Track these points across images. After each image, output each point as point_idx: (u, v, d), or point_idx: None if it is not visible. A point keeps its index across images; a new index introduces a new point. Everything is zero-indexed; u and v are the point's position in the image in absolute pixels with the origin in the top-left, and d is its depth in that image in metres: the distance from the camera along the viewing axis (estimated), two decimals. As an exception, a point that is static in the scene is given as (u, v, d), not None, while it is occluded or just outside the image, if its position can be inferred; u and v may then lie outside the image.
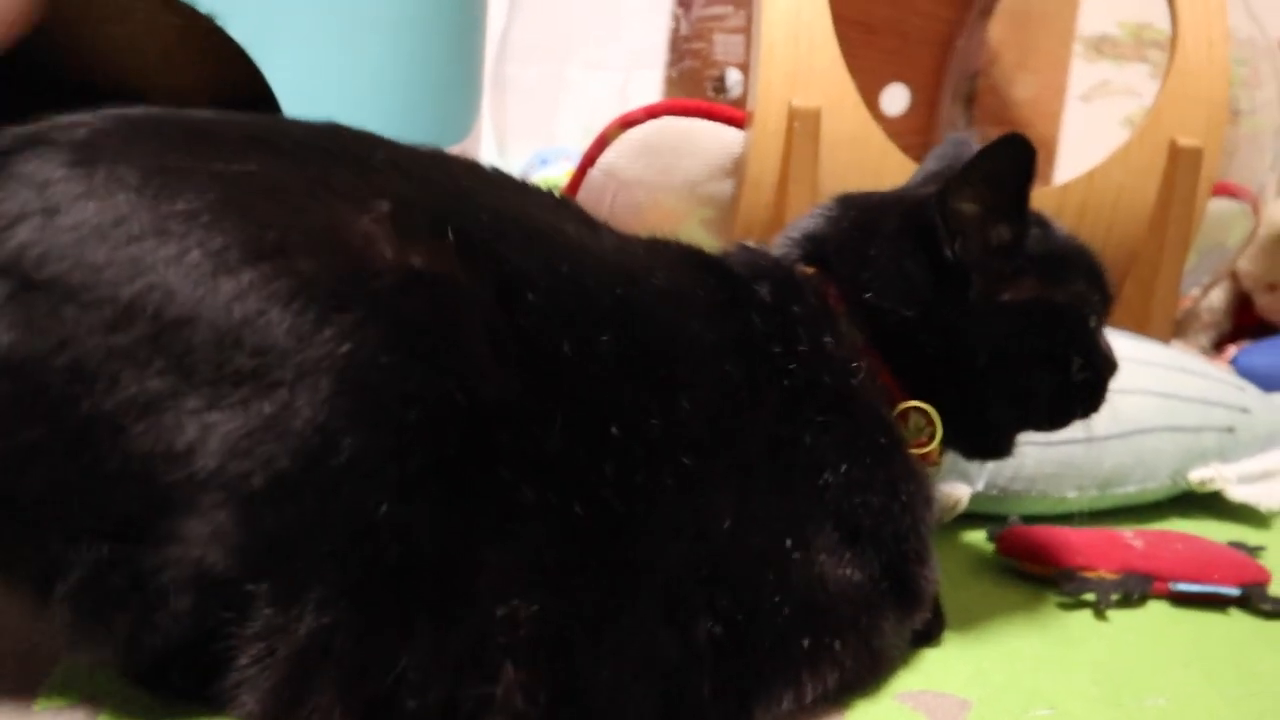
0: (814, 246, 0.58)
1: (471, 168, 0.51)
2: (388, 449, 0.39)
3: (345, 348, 0.39)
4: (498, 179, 0.51)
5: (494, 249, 0.44)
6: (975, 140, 0.59)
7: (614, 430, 0.44)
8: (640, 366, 0.46)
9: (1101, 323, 0.59)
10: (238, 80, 0.85)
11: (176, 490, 0.37)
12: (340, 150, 0.45)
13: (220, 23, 0.82)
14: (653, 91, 1.64)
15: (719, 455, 0.47)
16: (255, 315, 0.38)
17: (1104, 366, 0.59)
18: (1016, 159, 0.52)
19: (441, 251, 0.42)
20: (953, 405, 0.55)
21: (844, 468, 0.50)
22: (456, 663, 0.40)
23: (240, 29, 0.84)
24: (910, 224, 0.55)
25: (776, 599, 0.47)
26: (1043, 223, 0.58)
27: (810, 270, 0.57)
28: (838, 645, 0.49)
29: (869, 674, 0.52)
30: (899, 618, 0.52)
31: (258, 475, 0.37)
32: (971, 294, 0.54)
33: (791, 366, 0.51)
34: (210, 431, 0.37)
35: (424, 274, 0.41)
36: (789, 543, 0.48)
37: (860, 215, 0.59)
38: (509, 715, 0.41)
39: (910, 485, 0.53)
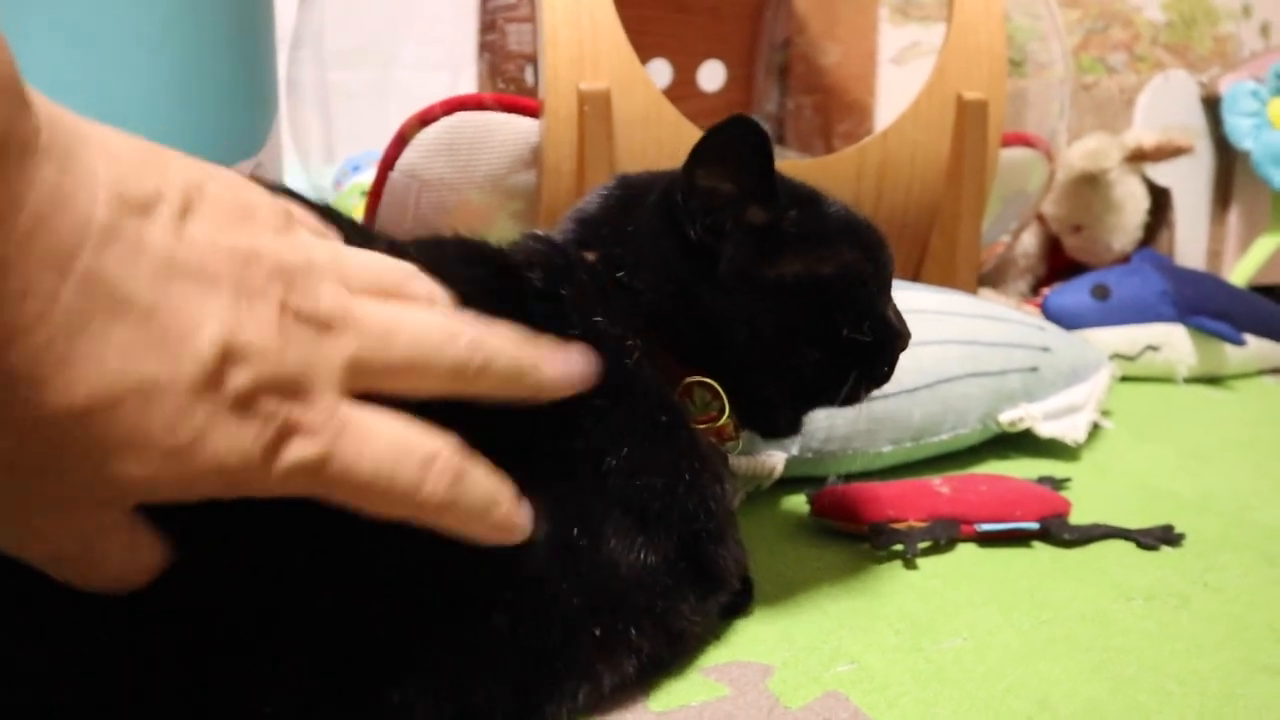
0: (587, 229, 0.58)
1: None
2: None
3: None
4: None
5: None
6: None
7: None
8: None
9: (882, 292, 0.59)
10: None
11: None
12: None
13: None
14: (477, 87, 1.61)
15: (502, 451, 0.46)
16: None
17: (885, 335, 0.58)
18: (744, 139, 0.52)
19: None
20: (729, 382, 0.55)
21: (624, 450, 0.49)
22: None
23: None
24: (661, 204, 0.55)
25: (565, 589, 0.46)
26: (808, 199, 0.57)
27: (589, 254, 0.56)
28: (633, 632, 0.48)
29: (670, 657, 0.51)
30: (699, 597, 0.52)
31: None
32: (721, 272, 0.54)
33: None
34: None
35: None
36: (575, 532, 0.47)
37: (625, 195, 0.58)
38: None
39: (695, 463, 0.52)
